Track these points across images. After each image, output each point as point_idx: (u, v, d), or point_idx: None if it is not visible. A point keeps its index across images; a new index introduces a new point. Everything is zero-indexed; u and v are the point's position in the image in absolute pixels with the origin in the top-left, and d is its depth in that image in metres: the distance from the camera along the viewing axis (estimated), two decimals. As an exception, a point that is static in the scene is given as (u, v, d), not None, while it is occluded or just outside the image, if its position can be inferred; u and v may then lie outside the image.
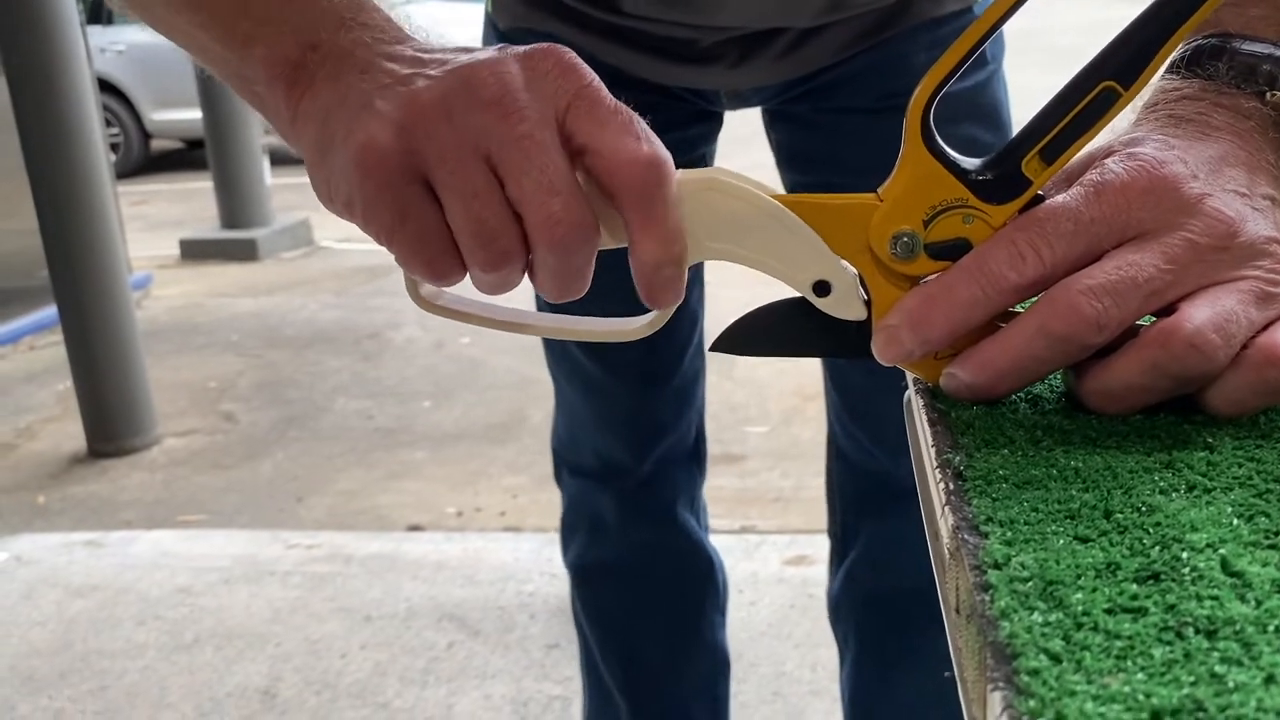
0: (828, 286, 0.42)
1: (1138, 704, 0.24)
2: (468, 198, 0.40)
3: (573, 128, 0.40)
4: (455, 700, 1.66)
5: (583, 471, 1.08)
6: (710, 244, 0.42)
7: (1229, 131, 0.41)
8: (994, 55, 0.87)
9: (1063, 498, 0.34)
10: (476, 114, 0.39)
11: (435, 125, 0.39)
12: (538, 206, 0.39)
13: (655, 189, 0.39)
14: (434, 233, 0.41)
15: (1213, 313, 0.37)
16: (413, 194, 0.40)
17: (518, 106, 0.39)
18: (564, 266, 0.41)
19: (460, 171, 0.39)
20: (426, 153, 0.39)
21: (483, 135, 0.39)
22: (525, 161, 0.39)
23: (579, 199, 0.40)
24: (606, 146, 0.39)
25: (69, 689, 1.72)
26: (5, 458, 2.80)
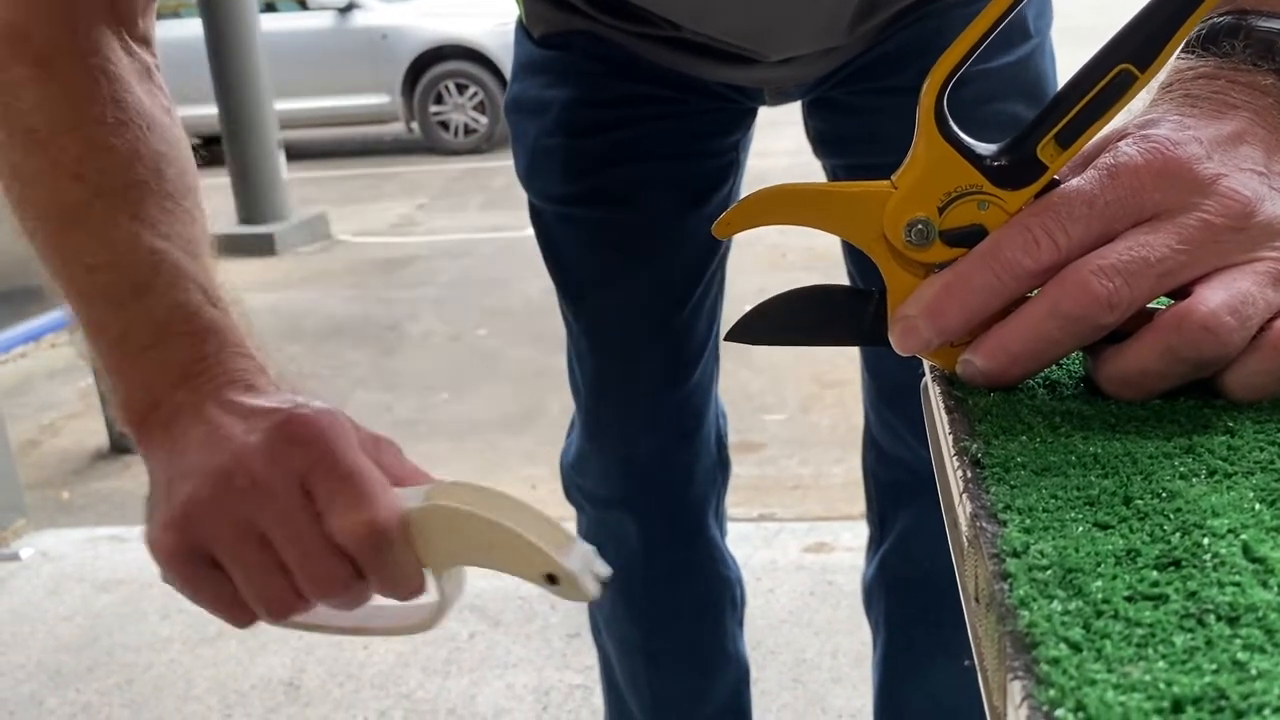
0: (555, 578, 0.46)
1: (1159, 693, 0.24)
2: (247, 573, 0.47)
3: (314, 494, 0.46)
4: (477, 690, 1.66)
5: (600, 500, 1.04)
6: (453, 555, 0.48)
7: (1246, 109, 0.41)
8: (1039, 29, 0.86)
9: (1082, 484, 0.33)
10: (237, 503, 0.46)
11: (205, 521, 0.47)
12: (300, 570, 0.47)
13: (373, 553, 0.46)
14: (224, 598, 0.49)
15: (1228, 295, 0.37)
16: (200, 572, 0.48)
17: (267, 488, 0.46)
18: (338, 604, 0.49)
19: (236, 554, 0.47)
20: (204, 540, 0.47)
21: (247, 519, 0.46)
22: (282, 533, 0.46)
23: (330, 559, 0.46)
24: (329, 518, 0.46)
25: (96, 683, 1.74)
26: (29, 454, 2.82)
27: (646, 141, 0.87)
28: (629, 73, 0.85)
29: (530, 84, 0.90)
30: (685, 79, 0.84)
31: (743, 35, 0.77)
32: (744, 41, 0.77)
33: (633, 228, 0.91)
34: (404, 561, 0.47)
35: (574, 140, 0.88)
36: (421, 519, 0.46)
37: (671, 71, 0.84)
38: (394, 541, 0.46)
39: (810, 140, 0.95)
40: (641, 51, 0.83)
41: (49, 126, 0.53)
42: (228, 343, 0.53)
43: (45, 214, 0.54)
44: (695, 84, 0.85)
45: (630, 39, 0.82)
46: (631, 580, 1.07)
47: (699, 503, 1.04)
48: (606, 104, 0.87)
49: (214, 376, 0.51)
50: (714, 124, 0.90)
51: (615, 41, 0.83)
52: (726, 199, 0.94)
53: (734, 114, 0.90)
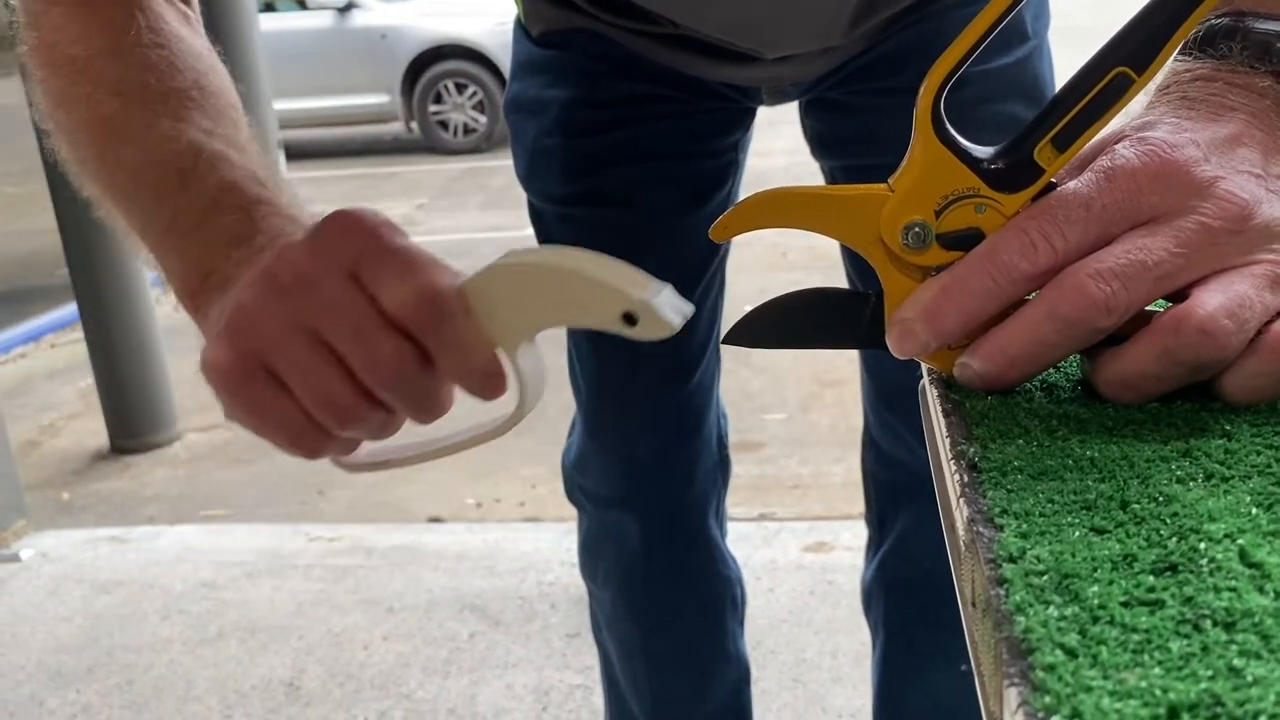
0: (634, 317, 0.42)
1: (1155, 699, 0.23)
2: (303, 374, 0.44)
3: (365, 280, 0.44)
4: (477, 690, 1.67)
5: (602, 500, 1.05)
6: (520, 321, 0.45)
7: (1243, 111, 0.41)
8: (1037, 31, 0.86)
9: (1079, 488, 0.33)
10: (283, 301, 0.44)
11: (254, 325, 0.44)
12: (359, 360, 0.44)
13: (437, 322, 0.43)
14: (291, 414, 0.45)
15: (1225, 298, 0.37)
16: (259, 390, 0.45)
17: (313, 280, 0.44)
18: (409, 397, 0.45)
19: (288, 354, 0.44)
20: (258, 350, 0.44)
21: (296, 316, 0.44)
22: (335, 322, 0.43)
23: (390, 340, 0.43)
24: (387, 294, 0.43)
25: (96, 683, 1.74)
26: (29, 455, 2.82)
27: (646, 141, 0.87)
28: (628, 72, 0.85)
29: (529, 83, 0.90)
30: (684, 78, 0.84)
31: (740, 32, 0.77)
32: (742, 39, 0.77)
33: (632, 228, 0.90)
34: (469, 335, 0.44)
35: (573, 140, 0.88)
36: (481, 288, 0.44)
37: (670, 70, 0.84)
38: (454, 311, 0.43)
39: (808, 141, 0.95)
40: (640, 50, 0.83)
41: (89, 54, 0.55)
42: (278, 210, 0.51)
43: (89, 131, 0.55)
44: (694, 83, 0.85)
45: (629, 37, 0.82)
46: (633, 580, 1.07)
47: (700, 502, 1.04)
48: (606, 104, 0.87)
49: (267, 239, 0.49)
50: (713, 124, 0.90)
51: (614, 40, 0.83)
52: (726, 199, 0.94)
53: (733, 114, 0.90)
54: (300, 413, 0.45)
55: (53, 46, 0.56)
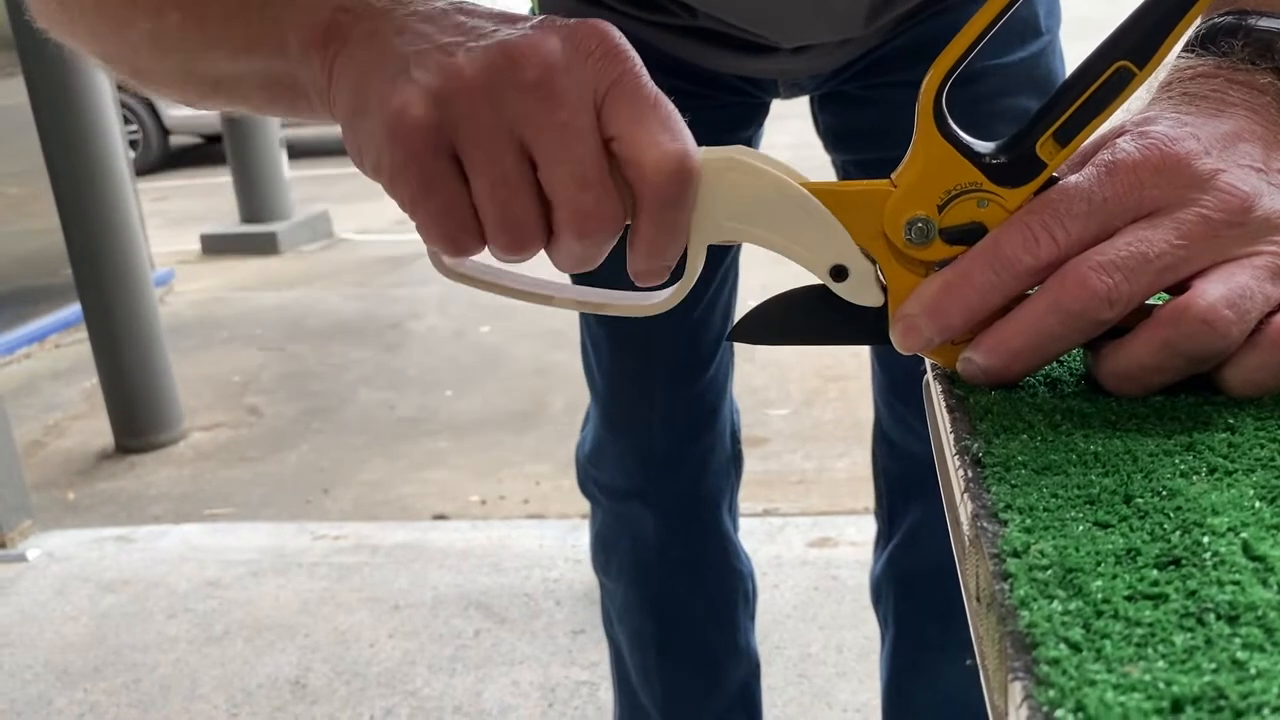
0: (845, 271, 0.42)
1: (1158, 692, 0.24)
2: (497, 183, 0.39)
3: (609, 115, 0.39)
4: (483, 687, 1.67)
5: (617, 492, 1.04)
6: (728, 224, 0.42)
7: (1244, 107, 0.41)
8: (1049, 27, 0.86)
9: (1082, 483, 0.33)
10: (516, 96, 0.38)
11: (473, 103, 0.38)
12: (569, 199, 0.39)
13: (674, 196, 0.39)
14: (458, 208, 0.40)
15: (1226, 289, 0.37)
16: (441, 168, 0.39)
17: (557, 91, 0.38)
18: (586, 253, 0.41)
19: (493, 155, 0.39)
20: (460, 130, 0.39)
21: (520, 119, 0.39)
22: (561, 150, 0.39)
23: (610, 194, 0.39)
24: (636, 143, 0.39)
25: (103, 682, 1.75)
26: (35, 455, 2.83)
27: None
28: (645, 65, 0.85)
29: None
30: (700, 72, 0.84)
31: (761, 21, 0.77)
32: (762, 28, 0.77)
33: None
34: (683, 217, 0.40)
35: None
36: (715, 169, 0.40)
37: (686, 65, 0.83)
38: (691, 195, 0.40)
39: (820, 135, 0.95)
40: (657, 42, 0.83)
41: None
42: None
43: None
44: (710, 77, 0.85)
45: (645, 28, 0.82)
46: (647, 573, 1.07)
47: (714, 496, 1.05)
48: None
49: None
50: (728, 119, 0.90)
51: (630, 33, 0.83)
52: None
53: (748, 108, 0.90)
54: (469, 210, 0.40)
55: None
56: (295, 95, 0.45)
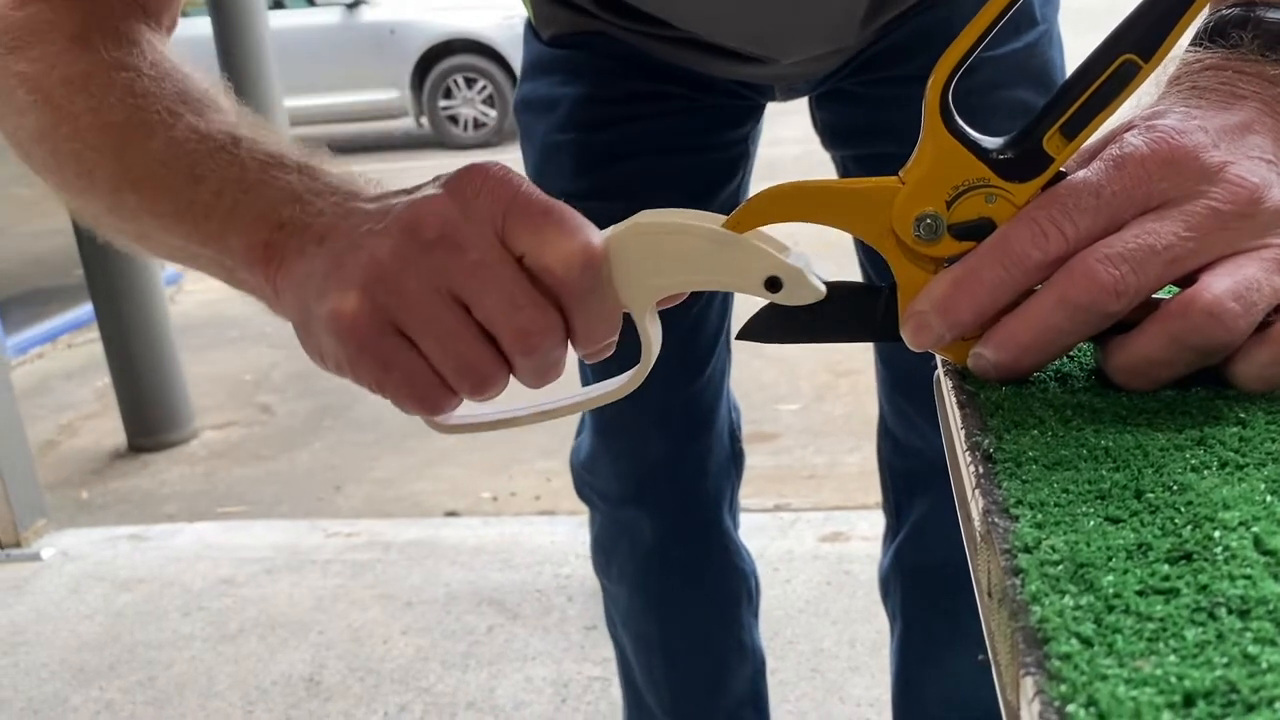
0: (777, 281, 0.43)
1: (1170, 687, 0.24)
2: (441, 339, 0.43)
3: (512, 238, 0.42)
4: (496, 683, 1.67)
5: (613, 498, 1.04)
6: (654, 282, 0.44)
7: (1254, 99, 0.41)
8: (1045, 15, 0.86)
9: (1093, 478, 0.33)
10: (427, 257, 0.42)
11: (394, 281, 0.42)
12: (506, 326, 0.42)
13: (588, 286, 0.43)
14: (419, 374, 0.44)
15: (1233, 281, 0.37)
16: (390, 346, 0.43)
17: (459, 238, 0.42)
18: (544, 365, 0.44)
19: (427, 316, 0.42)
20: (393, 306, 0.42)
21: (438, 274, 0.42)
22: (483, 287, 0.42)
23: (539, 306, 0.42)
24: (541, 254, 0.42)
25: (119, 680, 1.76)
26: (48, 454, 2.84)
27: (657, 136, 0.88)
28: (640, 70, 0.85)
29: (540, 83, 0.90)
30: (696, 76, 0.84)
31: (753, 41, 0.77)
32: (753, 46, 0.78)
33: None
34: (607, 299, 0.43)
35: (584, 135, 0.88)
36: (621, 246, 0.43)
37: (680, 70, 0.84)
38: (604, 278, 0.42)
39: (818, 132, 0.95)
40: (652, 50, 0.83)
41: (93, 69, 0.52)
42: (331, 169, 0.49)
43: (101, 137, 0.51)
44: (706, 81, 0.85)
45: (641, 39, 0.82)
46: (647, 576, 1.07)
47: (713, 497, 1.04)
48: (617, 100, 0.87)
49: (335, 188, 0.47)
50: (725, 118, 0.90)
51: (626, 41, 0.84)
52: (737, 191, 0.94)
53: (745, 108, 0.90)
54: (428, 371, 0.44)
55: (49, 71, 0.53)
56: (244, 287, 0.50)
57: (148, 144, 0.50)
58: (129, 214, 0.52)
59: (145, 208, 0.50)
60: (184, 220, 0.49)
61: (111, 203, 0.52)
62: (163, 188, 0.49)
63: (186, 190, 0.49)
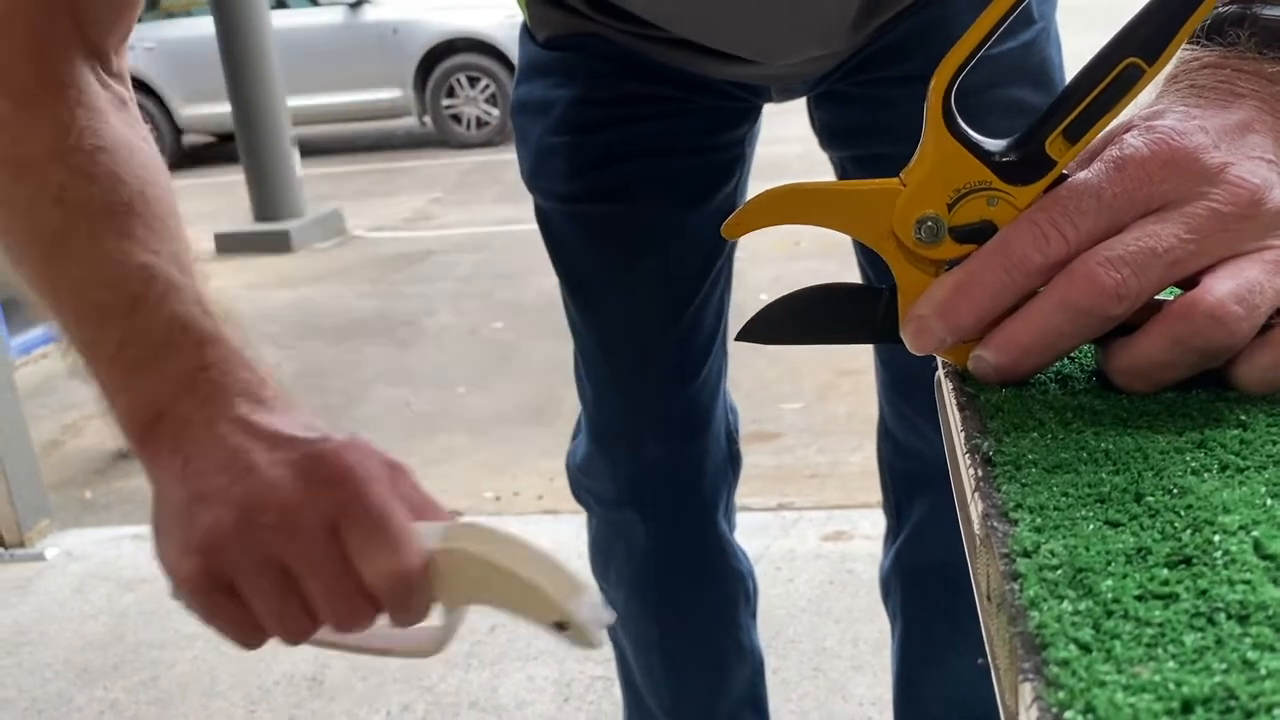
0: (564, 625, 0.46)
1: (1168, 693, 0.24)
2: (268, 604, 0.47)
3: (344, 537, 0.46)
4: (499, 682, 1.67)
5: (609, 501, 1.04)
6: (467, 596, 0.48)
7: (1253, 98, 0.41)
8: (1043, 14, 0.85)
9: (1093, 481, 0.33)
10: (260, 536, 0.46)
11: (229, 550, 0.46)
12: (325, 610, 0.47)
13: (401, 600, 0.47)
14: (242, 623, 0.48)
15: (1235, 284, 0.37)
16: (219, 600, 0.48)
17: (294, 526, 0.46)
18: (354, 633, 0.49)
19: (258, 587, 0.47)
20: (227, 570, 0.47)
21: (271, 552, 0.46)
22: (307, 572, 0.46)
23: (354, 599, 0.46)
24: (365, 564, 0.46)
25: (122, 680, 1.76)
26: (52, 454, 2.85)
27: (652, 137, 0.87)
28: (635, 72, 0.85)
29: (535, 85, 0.90)
30: (692, 78, 0.84)
31: (745, 45, 0.77)
32: (746, 51, 0.78)
33: (638, 224, 0.90)
34: (420, 601, 0.48)
35: (579, 137, 0.88)
36: (440, 561, 0.47)
37: (677, 70, 0.84)
38: (420, 590, 0.47)
39: (816, 133, 0.95)
40: (647, 51, 0.83)
41: (29, 156, 0.53)
42: (229, 352, 0.52)
43: (30, 241, 0.53)
44: (701, 82, 0.85)
45: (636, 40, 0.82)
46: (644, 579, 1.07)
47: (709, 500, 1.04)
48: (612, 101, 0.87)
49: (220, 388, 0.50)
50: (720, 120, 0.89)
51: (620, 43, 0.83)
52: (733, 193, 0.94)
53: (740, 110, 0.90)
54: (248, 618, 0.48)
55: None
56: None
57: (67, 267, 0.52)
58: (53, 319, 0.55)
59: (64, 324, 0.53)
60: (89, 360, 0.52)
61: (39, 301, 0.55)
62: (75, 319, 0.53)
63: (92, 331, 0.52)
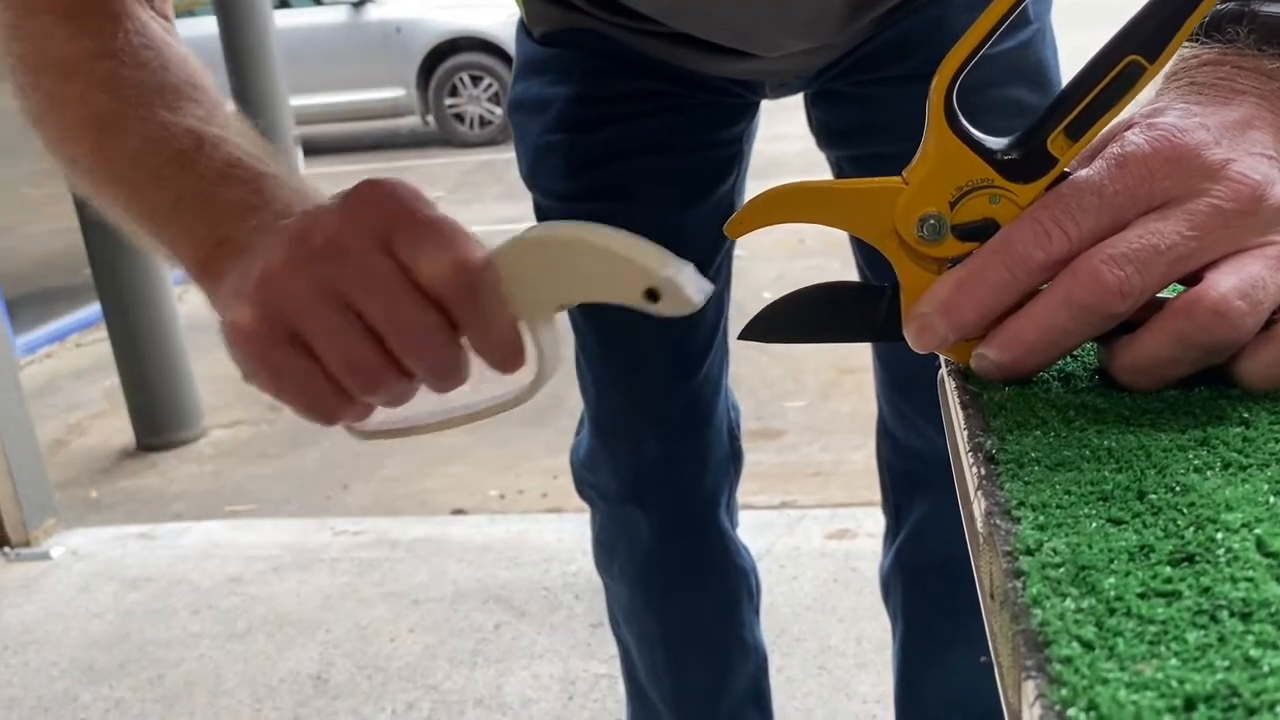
0: (655, 293, 0.43)
1: (1171, 690, 0.24)
2: (330, 336, 0.44)
3: (397, 249, 0.44)
4: (504, 680, 1.68)
5: (612, 496, 1.04)
6: (544, 296, 0.45)
7: (1253, 95, 0.41)
8: (1038, 14, 0.85)
9: (1096, 479, 0.33)
10: (315, 264, 0.44)
11: (284, 287, 0.44)
12: (389, 325, 0.44)
13: (468, 295, 0.44)
14: (312, 380, 0.45)
15: (1238, 279, 0.37)
16: (283, 353, 0.45)
17: (344, 245, 0.44)
18: (433, 366, 0.46)
19: (316, 319, 0.44)
20: (285, 312, 0.44)
21: (326, 281, 0.44)
22: (368, 292, 0.44)
23: (422, 312, 0.44)
24: (421, 266, 0.44)
25: (128, 678, 1.77)
26: (58, 453, 2.85)
27: (649, 135, 0.87)
28: (631, 68, 0.85)
29: (533, 83, 0.90)
30: (687, 74, 0.84)
31: (731, 36, 0.77)
32: (732, 42, 0.78)
33: (636, 221, 0.90)
34: (497, 309, 0.45)
35: (576, 136, 0.88)
36: (508, 259, 0.44)
37: (673, 66, 0.84)
38: (485, 284, 0.44)
39: (813, 132, 0.95)
40: (642, 47, 0.83)
41: (78, 55, 0.55)
42: (285, 184, 0.52)
43: (83, 127, 0.54)
44: (697, 79, 0.85)
45: (630, 35, 0.82)
46: (648, 574, 1.07)
47: (711, 496, 1.04)
48: (608, 99, 0.87)
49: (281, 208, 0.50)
50: (717, 117, 0.89)
51: (616, 38, 0.83)
52: (731, 191, 0.94)
53: (737, 107, 0.90)
54: (322, 377, 0.45)
55: (41, 52, 0.56)
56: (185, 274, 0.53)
57: (122, 141, 0.53)
58: (107, 206, 0.55)
59: (119, 203, 0.53)
60: (146, 224, 0.52)
61: (93, 192, 0.55)
62: (132, 188, 0.52)
63: (151, 193, 0.52)
